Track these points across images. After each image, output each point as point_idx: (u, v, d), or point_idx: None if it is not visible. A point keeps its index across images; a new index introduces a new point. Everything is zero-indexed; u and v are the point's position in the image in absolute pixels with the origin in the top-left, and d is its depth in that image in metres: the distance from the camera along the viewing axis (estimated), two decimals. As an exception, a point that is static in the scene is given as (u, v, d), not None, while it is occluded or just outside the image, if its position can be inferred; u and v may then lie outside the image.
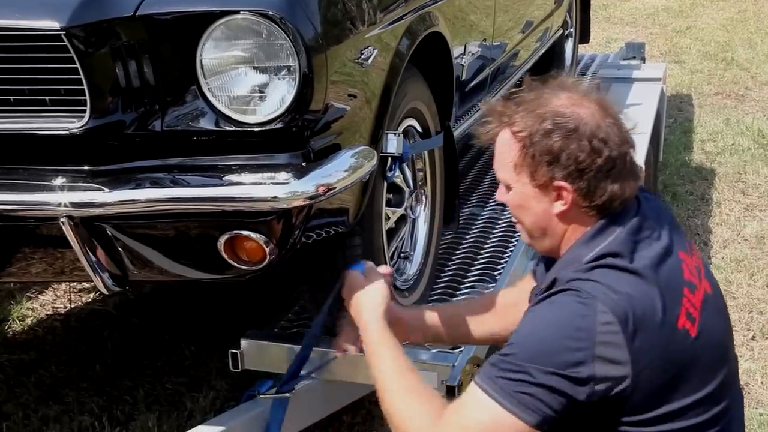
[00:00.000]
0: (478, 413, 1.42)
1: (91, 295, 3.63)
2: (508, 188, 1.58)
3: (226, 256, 1.88)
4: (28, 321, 3.50)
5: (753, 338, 3.36)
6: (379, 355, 1.63)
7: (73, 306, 3.58)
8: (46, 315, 3.55)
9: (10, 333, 3.42)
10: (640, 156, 2.28)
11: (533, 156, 1.50)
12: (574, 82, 1.60)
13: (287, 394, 2.27)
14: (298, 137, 1.83)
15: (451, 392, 2.20)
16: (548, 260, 1.67)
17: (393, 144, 2.17)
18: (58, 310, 3.59)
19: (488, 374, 1.44)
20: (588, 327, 1.39)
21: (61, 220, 1.79)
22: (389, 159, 2.22)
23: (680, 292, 1.48)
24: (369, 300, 1.74)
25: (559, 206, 1.52)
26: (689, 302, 1.48)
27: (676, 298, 1.46)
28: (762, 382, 3.06)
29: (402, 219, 2.50)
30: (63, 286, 3.69)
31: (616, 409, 1.44)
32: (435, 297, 2.65)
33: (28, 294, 3.67)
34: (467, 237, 3.09)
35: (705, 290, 1.53)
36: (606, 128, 1.49)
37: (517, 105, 1.55)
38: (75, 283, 3.61)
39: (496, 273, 2.81)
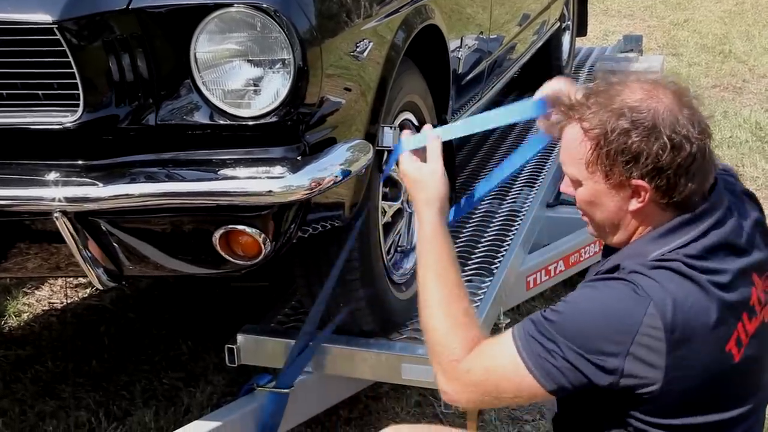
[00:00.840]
0: (503, 362, 1.44)
1: (88, 291, 3.62)
2: (578, 183, 1.50)
3: (221, 251, 1.87)
4: (25, 316, 3.49)
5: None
6: (427, 258, 1.59)
7: (69, 301, 3.58)
8: (43, 310, 3.54)
9: (6, 328, 3.41)
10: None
11: (608, 154, 1.42)
12: (637, 71, 1.52)
13: (286, 390, 2.26)
14: (293, 131, 1.82)
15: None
16: (607, 247, 1.61)
17: (389, 137, 2.16)
18: (55, 305, 3.58)
19: (526, 330, 1.44)
20: (632, 324, 1.37)
21: (55, 215, 1.78)
22: (385, 152, 2.21)
23: (739, 316, 1.42)
24: (430, 185, 1.66)
25: (635, 204, 1.45)
26: (743, 328, 1.43)
27: (732, 321, 1.41)
28: None
29: (398, 213, 2.49)
30: (59, 281, 3.68)
31: (637, 405, 1.42)
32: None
33: (24, 289, 3.66)
34: (464, 231, 3.09)
35: (763, 319, 1.48)
36: (684, 122, 1.41)
37: (587, 98, 1.47)
38: (71, 279, 3.60)
39: (493, 266, 2.81)
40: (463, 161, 3.84)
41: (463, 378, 1.47)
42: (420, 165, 1.71)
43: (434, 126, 2.54)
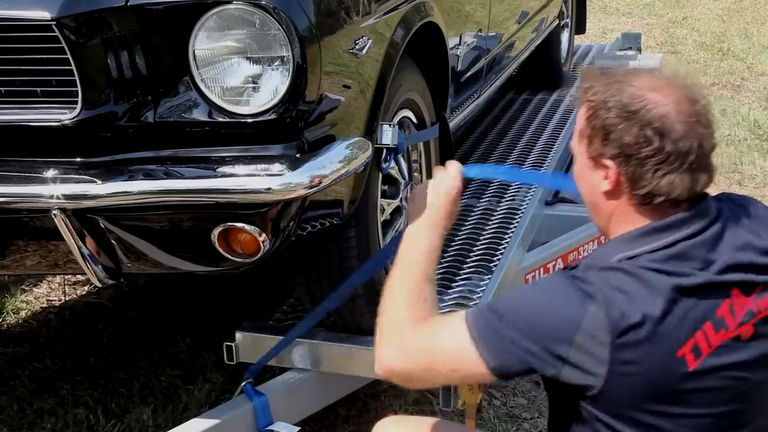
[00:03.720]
0: (450, 331, 1.46)
1: (86, 288, 3.62)
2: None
3: (220, 249, 1.86)
4: (23, 314, 3.49)
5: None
6: (408, 249, 1.64)
7: (67, 299, 3.57)
8: (41, 308, 3.53)
9: (5, 326, 3.41)
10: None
11: (593, 127, 1.46)
12: (676, 73, 1.51)
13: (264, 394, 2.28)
14: (292, 128, 1.81)
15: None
16: None
17: (388, 135, 2.16)
18: (53, 302, 3.57)
19: (479, 312, 1.46)
20: (573, 321, 1.38)
21: (53, 212, 1.78)
22: (384, 150, 2.21)
23: (699, 324, 1.40)
24: (442, 187, 1.72)
25: (605, 185, 1.47)
26: (704, 337, 1.40)
27: (689, 328, 1.39)
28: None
29: (397, 211, 2.49)
30: (57, 278, 3.68)
31: (586, 399, 1.43)
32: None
33: (22, 287, 3.66)
34: (463, 229, 3.08)
35: (739, 335, 1.43)
36: (673, 120, 1.40)
37: (606, 75, 1.50)
38: (69, 276, 3.59)
39: (492, 265, 2.80)
40: (461, 160, 3.84)
41: (405, 343, 1.50)
42: (442, 192, 1.72)
43: (433, 123, 2.56)
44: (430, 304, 1.57)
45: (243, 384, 2.30)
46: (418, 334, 1.50)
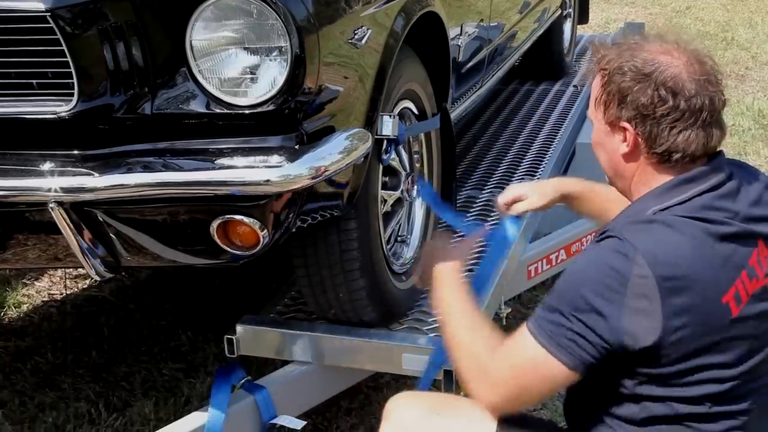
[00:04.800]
0: (524, 352, 1.50)
1: (87, 282, 3.61)
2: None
3: (219, 241, 1.85)
4: (24, 308, 3.48)
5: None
6: (449, 300, 1.70)
7: (69, 292, 3.57)
8: (42, 301, 3.53)
9: (6, 320, 3.40)
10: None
11: (609, 93, 1.54)
12: (683, 38, 1.59)
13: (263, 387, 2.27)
14: (291, 119, 1.80)
15: (449, 376, 2.19)
16: None
17: (388, 126, 2.14)
18: (54, 296, 3.57)
19: (536, 316, 1.51)
20: (622, 276, 1.42)
21: (51, 205, 1.77)
22: (384, 141, 2.19)
23: (737, 272, 1.47)
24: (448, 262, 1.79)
25: (623, 147, 1.55)
26: (742, 285, 1.47)
27: (730, 276, 1.46)
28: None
29: (398, 202, 2.47)
30: (59, 272, 3.67)
31: (640, 358, 1.45)
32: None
33: (23, 280, 3.65)
34: (466, 220, 3.06)
35: (765, 285, 1.51)
36: (684, 80, 1.48)
37: (617, 46, 1.58)
38: (71, 270, 3.59)
39: (494, 256, 2.78)
40: (462, 151, 3.82)
41: (492, 379, 1.53)
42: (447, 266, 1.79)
43: (434, 114, 2.54)
44: (492, 329, 1.61)
45: (242, 381, 2.29)
46: (498, 363, 1.53)
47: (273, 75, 1.75)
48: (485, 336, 1.59)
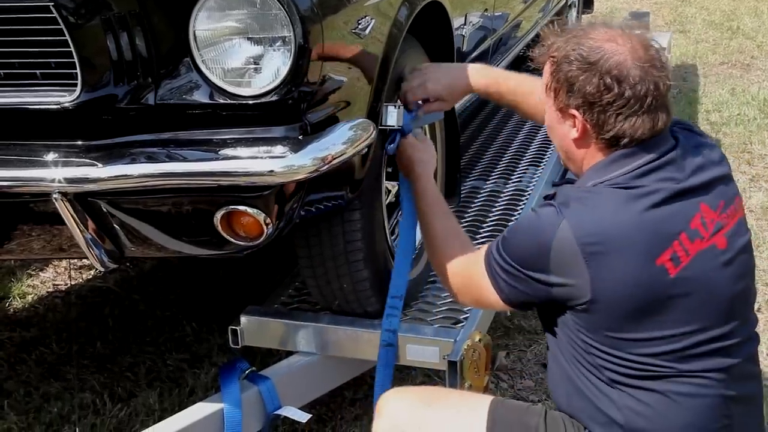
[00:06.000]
0: (477, 272, 1.72)
1: (92, 272, 3.61)
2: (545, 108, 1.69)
3: (222, 232, 1.85)
4: (29, 298, 3.49)
5: (758, 310, 3.33)
6: (428, 209, 1.97)
7: (73, 283, 3.57)
8: (47, 292, 3.54)
9: (11, 310, 3.41)
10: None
11: (558, 80, 1.60)
12: (628, 23, 1.65)
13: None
14: (295, 110, 1.79)
15: (453, 367, 2.19)
16: None
17: (393, 116, 2.13)
18: (59, 287, 3.57)
19: (490, 251, 1.69)
20: (546, 240, 1.54)
21: (54, 196, 1.76)
22: (388, 131, 2.18)
23: (675, 234, 1.52)
24: (420, 156, 2.06)
25: (573, 133, 1.62)
26: (681, 246, 1.53)
27: (665, 237, 1.52)
28: (767, 354, 3.03)
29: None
30: (63, 263, 3.68)
31: (581, 317, 1.57)
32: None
33: (28, 271, 3.66)
34: (469, 211, 3.06)
35: (714, 244, 1.56)
36: (629, 67, 1.53)
37: (565, 32, 1.64)
38: (75, 260, 3.59)
39: (498, 246, 2.78)
40: (467, 142, 3.81)
41: (453, 279, 1.83)
42: (421, 146, 2.10)
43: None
44: (467, 244, 1.90)
45: (246, 371, 2.29)
46: (460, 267, 1.81)
47: (276, 65, 1.75)
48: (462, 248, 1.86)
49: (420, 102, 2.18)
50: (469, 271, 1.76)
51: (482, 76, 2.20)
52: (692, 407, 1.55)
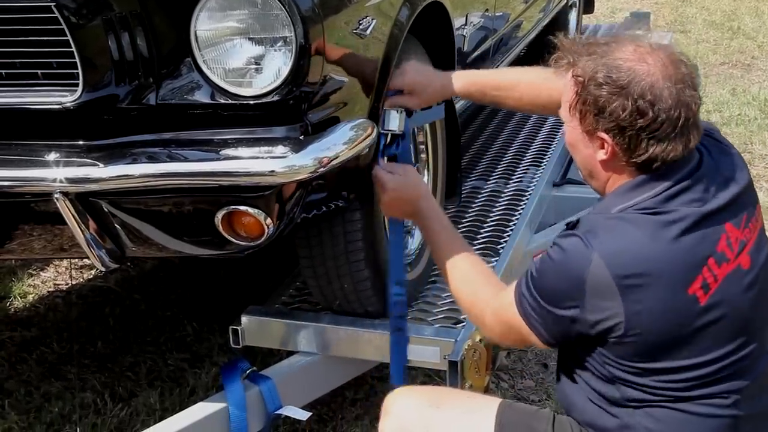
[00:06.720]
0: (510, 314, 1.63)
1: (93, 272, 3.62)
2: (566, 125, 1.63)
3: (223, 232, 1.85)
4: (30, 298, 3.49)
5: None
6: (441, 253, 1.85)
7: (74, 283, 3.57)
8: (48, 292, 3.54)
9: (12, 310, 3.41)
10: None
11: (584, 102, 1.53)
12: (650, 36, 1.61)
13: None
14: (296, 110, 1.79)
15: (454, 367, 2.19)
16: None
17: (395, 121, 2.12)
18: (60, 286, 3.58)
19: (520, 289, 1.61)
20: (580, 276, 1.47)
21: (55, 195, 1.77)
22: (390, 136, 2.17)
23: (704, 260, 1.48)
24: (413, 191, 1.91)
25: (601, 155, 1.56)
26: (710, 272, 1.49)
27: (695, 265, 1.48)
28: None
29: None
30: (64, 262, 3.68)
31: (610, 351, 1.52)
32: (438, 271, 2.62)
33: (29, 271, 3.66)
34: (470, 211, 3.06)
35: (739, 264, 1.52)
36: (661, 88, 1.47)
37: (587, 47, 1.57)
38: (76, 260, 3.59)
39: (499, 247, 2.79)
40: (468, 142, 3.82)
41: (488, 323, 1.72)
42: (398, 172, 1.94)
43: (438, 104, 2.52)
44: (490, 271, 1.83)
45: (247, 371, 2.29)
46: (491, 313, 1.70)
47: (278, 65, 1.75)
48: (487, 278, 1.78)
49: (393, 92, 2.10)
50: (506, 317, 1.65)
51: (461, 76, 2.16)
52: (704, 426, 1.53)
